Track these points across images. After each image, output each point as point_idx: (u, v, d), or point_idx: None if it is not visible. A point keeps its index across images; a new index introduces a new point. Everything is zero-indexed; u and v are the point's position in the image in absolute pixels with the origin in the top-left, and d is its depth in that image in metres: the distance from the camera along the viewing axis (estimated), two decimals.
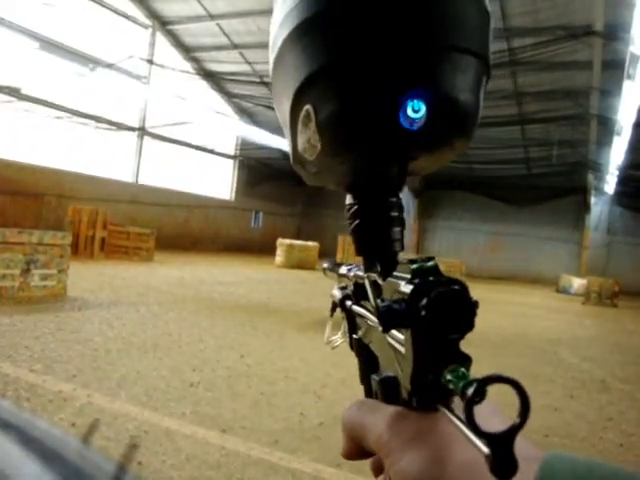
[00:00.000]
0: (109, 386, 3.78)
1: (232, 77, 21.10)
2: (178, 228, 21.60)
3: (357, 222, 0.44)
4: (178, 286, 9.57)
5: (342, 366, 4.89)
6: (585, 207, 23.50)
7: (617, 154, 17.77)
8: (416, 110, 0.35)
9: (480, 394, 0.26)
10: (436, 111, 0.35)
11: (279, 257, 17.85)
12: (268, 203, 27.72)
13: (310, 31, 0.36)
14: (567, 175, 21.80)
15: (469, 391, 0.26)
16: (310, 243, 18.79)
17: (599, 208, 24.03)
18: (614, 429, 4.15)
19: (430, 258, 0.35)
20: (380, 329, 0.37)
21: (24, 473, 0.25)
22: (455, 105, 0.37)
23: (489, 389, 0.27)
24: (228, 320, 6.76)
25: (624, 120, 14.68)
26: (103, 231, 13.67)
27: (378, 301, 0.33)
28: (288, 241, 18.14)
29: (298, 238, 22.70)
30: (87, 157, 17.79)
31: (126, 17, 18.71)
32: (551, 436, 3.71)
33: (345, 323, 0.56)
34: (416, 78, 0.35)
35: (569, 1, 13.37)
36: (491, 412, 0.33)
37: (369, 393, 0.50)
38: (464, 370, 0.30)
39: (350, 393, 4.15)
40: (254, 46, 19.05)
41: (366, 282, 0.45)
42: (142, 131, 19.87)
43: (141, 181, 20.05)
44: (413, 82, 0.35)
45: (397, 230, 0.43)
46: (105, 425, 3.04)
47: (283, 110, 0.41)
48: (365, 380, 0.51)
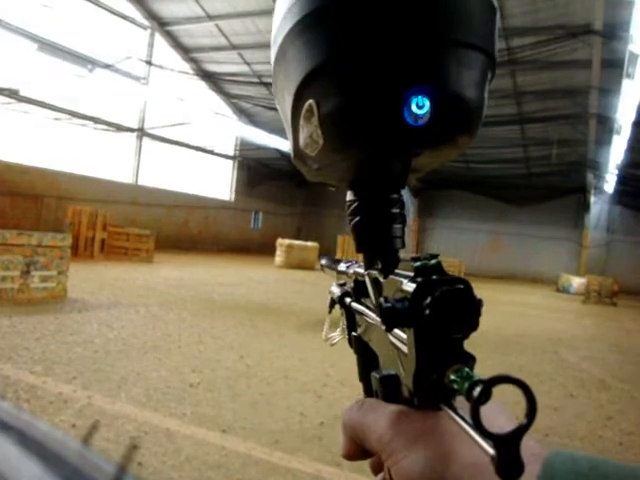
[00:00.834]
0: (109, 387, 3.78)
1: (231, 78, 21.11)
2: (178, 229, 21.60)
3: (358, 219, 0.43)
4: (178, 287, 9.57)
5: (342, 366, 4.89)
6: (584, 206, 23.52)
7: (616, 153, 17.78)
8: (420, 106, 0.34)
9: (486, 395, 0.26)
10: (440, 107, 0.35)
11: (279, 257, 17.85)
12: (268, 203, 27.72)
13: (312, 25, 0.36)
14: (566, 174, 21.81)
15: (475, 392, 0.26)
16: (310, 243, 18.78)
17: (598, 207, 24.05)
18: (614, 428, 4.15)
19: (434, 256, 0.34)
20: (382, 327, 0.37)
21: (24, 475, 0.25)
22: (460, 101, 0.36)
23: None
24: (228, 320, 6.76)
25: (623, 119, 14.70)
26: (103, 232, 13.66)
27: (381, 300, 0.32)
28: (288, 241, 18.14)
29: (298, 238, 22.70)
30: (86, 158, 17.78)
31: (125, 18, 18.71)
32: (551, 435, 3.71)
33: (344, 320, 0.56)
34: (421, 73, 0.35)
35: (568, 0, 13.38)
36: (495, 410, 0.33)
37: (368, 391, 0.49)
38: (468, 370, 0.29)
39: (350, 392, 4.15)
40: (253, 47, 19.05)
41: (367, 279, 0.44)
42: (141, 132, 19.87)
43: (140, 182, 20.05)
44: (418, 77, 0.34)
45: (398, 227, 0.43)
46: (105, 426, 3.04)
47: (285, 105, 0.41)
48: (364, 377, 0.50)
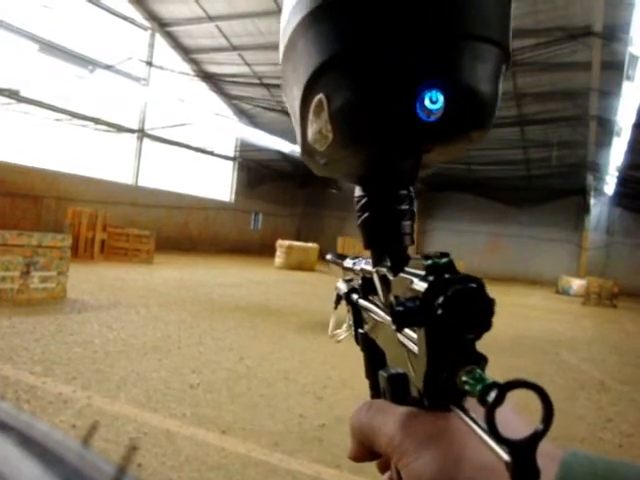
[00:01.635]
0: (109, 388, 3.77)
1: (231, 79, 21.12)
2: (178, 230, 21.60)
3: (366, 215, 0.43)
4: (177, 288, 9.56)
5: (342, 367, 4.89)
6: (584, 208, 23.53)
7: (616, 155, 17.80)
8: (434, 101, 0.34)
9: (501, 399, 0.25)
10: (454, 102, 0.34)
11: (279, 258, 17.85)
12: (267, 204, 27.73)
13: (323, 18, 0.35)
14: (566, 176, 21.83)
15: (490, 397, 0.25)
16: (309, 244, 18.78)
17: (598, 209, 24.06)
18: (613, 430, 4.15)
19: (445, 254, 0.33)
20: (390, 326, 0.37)
21: (24, 475, 0.25)
22: (474, 96, 0.35)
23: None
24: (228, 321, 6.76)
25: (623, 121, 14.71)
26: (103, 233, 13.66)
27: (392, 299, 0.31)
28: (287, 242, 18.14)
29: (298, 239, 22.71)
30: (86, 159, 17.78)
31: (125, 19, 18.73)
32: (550, 437, 3.68)
33: (350, 317, 0.55)
34: (434, 68, 0.34)
35: (568, 2, 13.39)
36: (507, 412, 0.32)
37: (375, 388, 0.49)
38: (480, 372, 0.29)
39: (351, 394, 4.15)
40: (253, 48, 19.06)
41: (375, 277, 0.44)
42: (141, 133, 19.88)
43: (141, 183, 20.05)
44: (431, 72, 0.34)
45: (407, 224, 0.42)
46: (105, 427, 3.03)
47: (293, 100, 0.40)
48: (371, 375, 0.50)
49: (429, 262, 0.32)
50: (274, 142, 20.24)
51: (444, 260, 0.32)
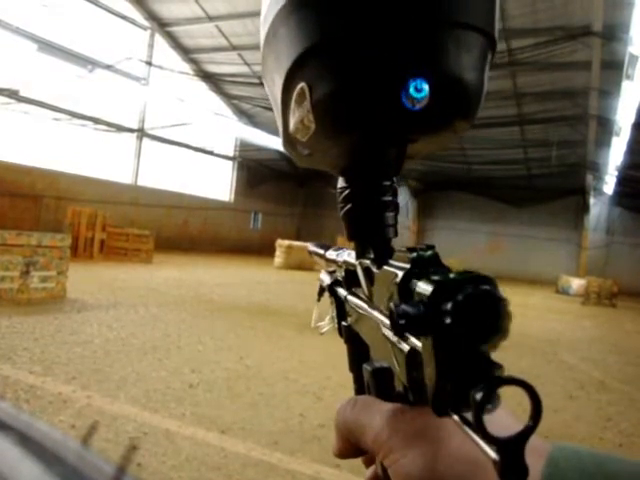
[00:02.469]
0: (108, 388, 3.77)
1: (231, 78, 21.11)
2: (177, 229, 21.60)
3: (350, 206, 0.42)
4: (177, 287, 9.56)
5: (341, 367, 4.86)
6: (584, 208, 23.54)
7: (616, 155, 17.80)
8: (419, 89, 0.33)
9: (491, 398, 0.24)
10: (439, 91, 0.33)
11: (278, 258, 17.85)
12: (267, 204, 27.73)
13: (306, 4, 0.34)
14: (566, 176, 21.84)
15: (478, 395, 0.24)
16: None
17: (598, 209, 24.07)
18: (613, 429, 4.15)
19: (430, 247, 0.32)
20: (378, 320, 0.36)
21: (24, 475, 0.25)
22: (459, 85, 0.35)
23: None
24: (227, 321, 6.76)
25: (623, 121, 14.71)
26: (102, 233, 13.66)
27: (391, 305, 0.28)
28: (287, 242, 18.14)
29: (297, 239, 22.70)
30: (86, 159, 17.78)
31: (125, 18, 18.72)
32: (551, 437, 3.70)
33: (333, 309, 0.54)
34: (419, 56, 0.33)
35: (568, 2, 13.39)
36: (499, 411, 0.30)
37: (358, 382, 0.48)
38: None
39: (350, 394, 4.14)
40: (253, 47, 19.05)
41: (358, 269, 0.43)
42: (141, 132, 19.87)
43: (140, 183, 20.05)
44: (416, 60, 0.33)
45: (391, 215, 0.42)
46: (104, 427, 3.03)
47: (274, 89, 0.39)
48: (354, 369, 0.49)
49: (414, 255, 0.31)
50: (274, 142, 20.23)
51: (429, 253, 0.31)
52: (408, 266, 0.31)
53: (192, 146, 22.11)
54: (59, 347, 4.70)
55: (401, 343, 0.32)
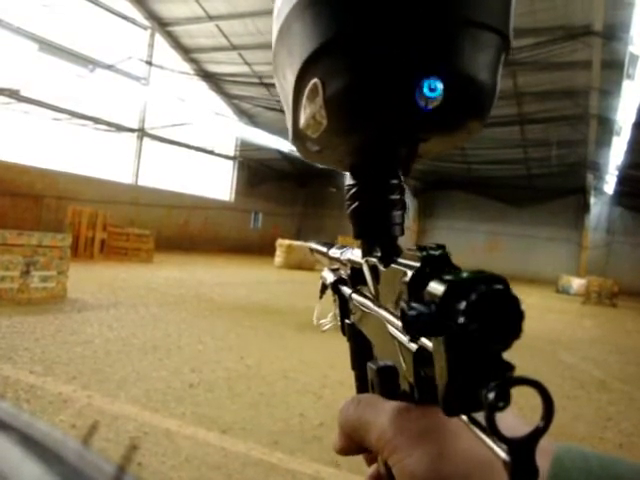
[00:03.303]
0: (109, 387, 3.78)
1: (231, 78, 21.11)
2: (178, 229, 21.60)
3: (357, 204, 0.42)
4: (178, 287, 9.57)
5: (341, 366, 4.88)
6: (584, 207, 23.53)
7: (616, 154, 17.79)
8: (433, 89, 0.33)
9: (503, 399, 0.24)
10: (453, 91, 0.33)
11: (278, 258, 17.85)
12: (267, 204, 27.72)
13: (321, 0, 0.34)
14: (566, 175, 21.82)
15: (490, 395, 0.23)
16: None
17: (598, 208, 24.05)
18: (613, 429, 4.15)
19: (440, 246, 0.31)
20: (384, 318, 0.36)
21: (24, 475, 0.25)
22: (473, 85, 0.34)
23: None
24: (227, 321, 6.76)
25: (623, 120, 14.70)
26: (103, 233, 13.67)
27: (402, 305, 0.27)
28: (287, 242, 18.14)
29: (298, 239, 22.70)
30: (86, 159, 17.78)
31: (125, 18, 18.72)
32: (551, 437, 3.69)
33: (336, 307, 0.54)
34: (435, 55, 0.33)
35: (568, 1, 13.38)
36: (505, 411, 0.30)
37: (361, 380, 0.48)
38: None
39: (350, 393, 4.12)
40: (253, 47, 19.05)
41: (364, 267, 0.43)
42: (141, 132, 19.87)
43: (141, 182, 20.05)
44: (431, 59, 0.33)
45: (398, 214, 0.42)
46: (105, 426, 3.04)
47: (286, 84, 0.39)
48: (357, 367, 0.49)
49: (423, 253, 0.31)
50: (274, 141, 20.23)
51: (439, 252, 0.31)
52: (417, 265, 0.30)
53: (192, 146, 22.11)
54: (59, 347, 4.70)
55: (409, 342, 0.32)
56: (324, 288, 0.57)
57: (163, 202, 20.76)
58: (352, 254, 0.50)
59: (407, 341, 0.32)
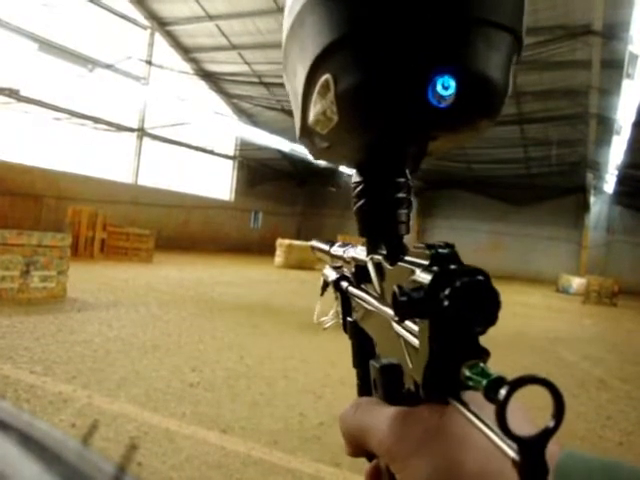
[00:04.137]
0: (109, 387, 3.78)
1: (231, 78, 21.11)
2: (177, 229, 21.60)
3: (363, 201, 0.42)
4: (177, 287, 9.57)
5: (341, 366, 4.89)
6: (584, 206, 23.54)
7: (616, 153, 17.77)
8: (446, 87, 0.32)
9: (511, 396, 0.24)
10: (466, 89, 0.33)
11: (278, 257, 17.84)
12: (267, 203, 27.73)
13: None
14: (566, 174, 21.82)
15: (502, 393, 0.24)
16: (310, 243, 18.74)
17: (598, 207, 24.06)
18: (613, 428, 4.15)
19: (449, 245, 0.32)
20: (385, 315, 0.36)
21: (24, 474, 0.25)
22: (487, 84, 0.34)
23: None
24: (228, 320, 6.76)
25: (623, 119, 14.68)
26: (103, 232, 13.67)
27: (395, 288, 0.29)
28: (287, 241, 18.13)
29: (298, 238, 22.70)
30: (86, 158, 17.78)
31: (125, 18, 18.71)
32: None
33: (337, 304, 0.54)
34: (449, 53, 0.33)
35: (568, 1, 13.38)
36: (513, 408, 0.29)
37: (363, 378, 0.48)
38: (484, 366, 0.27)
39: (350, 392, 4.15)
40: (253, 47, 19.04)
41: (369, 265, 0.43)
42: (141, 132, 19.87)
43: (140, 182, 20.05)
44: (446, 57, 0.33)
45: (404, 212, 0.42)
46: (105, 426, 3.04)
47: (296, 79, 0.39)
48: (359, 365, 0.49)
49: (432, 251, 0.31)
50: (274, 141, 20.22)
51: (447, 250, 0.31)
52: (425, 262, 0.31)
53: (192, 145, 22.11)
54: (59, 346, 4.70)
55: (412, 337, 0.32)
56: (325, 286, 0.57)
57: (163, 202, 20.76)
58: (356, 252, 0.50)
59: (412, 336, 0.32)
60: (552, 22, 14.01)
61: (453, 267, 0.29)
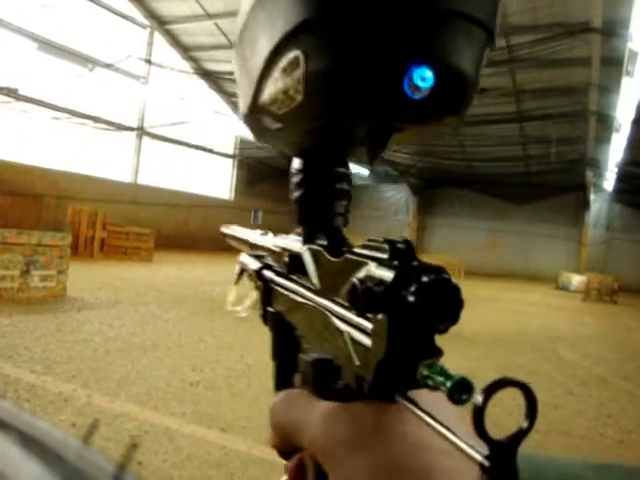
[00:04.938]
0: (109, 386, 3.78)
1: (230, 76, 21.05)
2: (177, 228, 21.59)
3: (303, 190, 0.41)
4: (177, 286, 9.57)
5: None
6: (584, 204, 23.54)
7: (616, 151, 17.77)
8: (423, 78, 0.31)
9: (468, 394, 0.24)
10: (441, 82, 0.32)
11: None
12: (267, 202, 27.71)
13: None
14: (566, 172, 21.81)
15: (478, 399, 0.23)
16: None
17: (598, 205, 24.07)
18: (614, 426, 4.15)
19: (406, 240, 0.31)
20: (330, 309, 0.34)
21: (25, 473, 0.25)
22: (461, 78, 0.33)
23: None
24: (228, 319, 6.76)
25: (623, 117, 14.68)
26: (102, 231, 13.67)
27: (355, 281, 0.28)
28: None
29: None
30: (86, 158, 17.77)
31: (124, 17, 18.69)
32: (551, 433, 3.71)
33: (255, 294, 0.52)
34: (427, 44, 0.32)
35: None
36: (440, 400, 0.27)
37: (281, 370, 0.48)
38: (442, 365, 0.27)
39: None
40: None
41: (306, 255, 0.41)
42: (141, 131, 19.86)
43: (140, 181, 20.04)
44: (423, 48, 0.32)
45: (343, 204, 0.41)
46: (105, 425, 3.04)
47: (257, 51, 0.36)
48: (278, 357, 0.49)
49: (391, 246, 0.30)
50: None
51: (405, 245, 0.30)
52: (382, 256, 0.30)
53: (192, 144, 22.11)
54: (60, 346, 4.70)
55: (359, 333, 0.31)
56: (241, 273, 0.55)
57: (163, 201, 20.75)
58: (286, 242, 0.47)
59: (361, 334, 0.31)
60: (551, 20, 13.99)
61: (415, 263, 0.28)
